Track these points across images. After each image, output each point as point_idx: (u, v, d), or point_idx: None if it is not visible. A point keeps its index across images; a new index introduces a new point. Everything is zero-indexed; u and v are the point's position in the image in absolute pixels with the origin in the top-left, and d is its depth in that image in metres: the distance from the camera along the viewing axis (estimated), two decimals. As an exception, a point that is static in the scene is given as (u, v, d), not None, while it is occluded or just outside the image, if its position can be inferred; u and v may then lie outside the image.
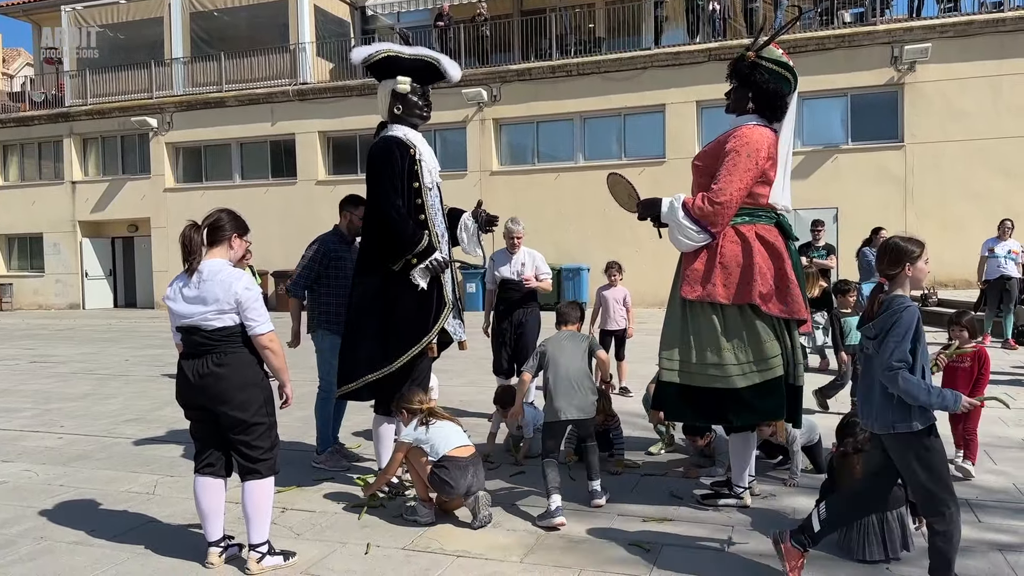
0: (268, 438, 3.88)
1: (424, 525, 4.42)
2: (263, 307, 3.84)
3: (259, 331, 3.79)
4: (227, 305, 3.71)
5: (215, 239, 3.84)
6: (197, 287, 3.73)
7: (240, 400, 3.77)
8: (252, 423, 3.81)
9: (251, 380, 3.81)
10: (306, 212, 21.28)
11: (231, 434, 3.83)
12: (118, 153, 24.55)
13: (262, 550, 3.86)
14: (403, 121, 5.06)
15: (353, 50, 5.14)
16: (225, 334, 3.75)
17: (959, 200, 16.39)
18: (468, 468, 4.47)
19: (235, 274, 3.78)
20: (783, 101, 4.49)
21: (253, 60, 22.49)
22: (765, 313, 4.27)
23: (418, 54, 5.06)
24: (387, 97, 5.05)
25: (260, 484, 3.87)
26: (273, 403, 3.94)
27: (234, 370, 3.76)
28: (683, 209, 4.36)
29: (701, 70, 17.64)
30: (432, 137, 20.44)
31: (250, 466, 3.85)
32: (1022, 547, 3.94)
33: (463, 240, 5.35)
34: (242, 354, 3.80)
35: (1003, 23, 16.32)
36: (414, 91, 5.04)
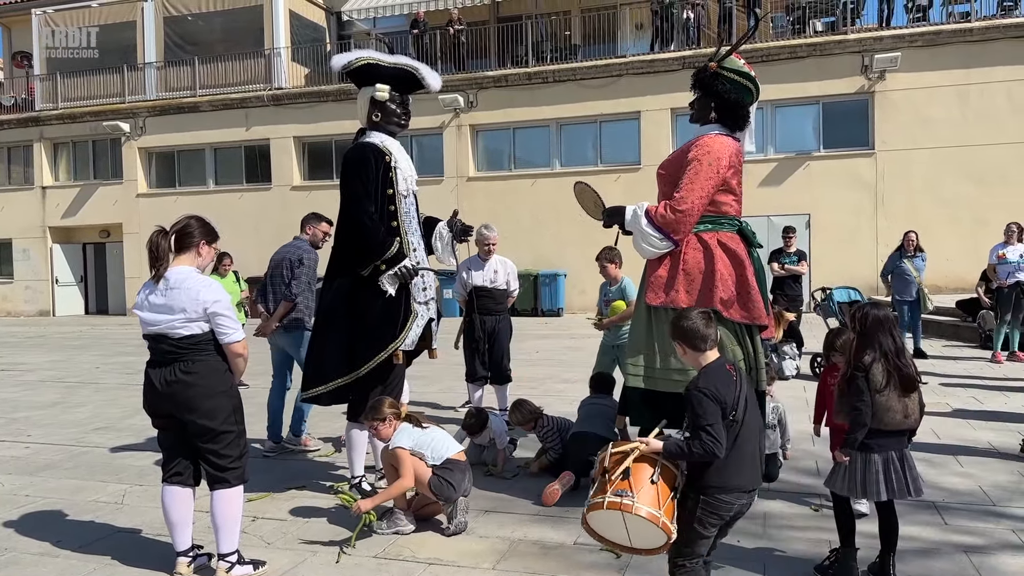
0: (237, 446, 3.83)
1: (407, 534, 4.38)
2: (234, 314, 3.80)
3: (232, 339, 3.76)
4: (195, 314, 3.66)
5: (183, 245, 3.78)
6: (164, 295, 3.67)
7: (208, 408, 3.72)
8: (220, 431, 3.76)
9: (219, 388, 3.76)
10: (281, 218, 21.11)
11: (199, 442, 3.78)
12: (89, 158, 24.25)
13: (231, 559, 3.81)
14: (381, 128, 5.08)
15: (334, 56, 5.16)
16: (193, 342, 3.70)
17: (928, 206, 16.66)
18: (466, 472, 4.51)
19: (203, 282, 3.73)
20: (745, 111, 4.59)
21: (228, 65, 22.33)
22: (727, 319, 4.33)
23: (398, 63, 5.08)
24: (366, 104, 5.07)
25: (229, 493, 3.81)
26: (242, 411, 3.89)
27: (202, 378, 3.71)
28: (646, 217, 4.42)
29: (675, 78, 17.78)
30: (409, 143, 20.40)
31: (218, 475, 3.80)
32: (987, 549, 4.00)
33: (437, 249, 5.36)
34: (210, 361, 3.75)
35: (970, 33, 16.64)
36: (393, 99, 5.05)
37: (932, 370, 9.53)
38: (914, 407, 3.51)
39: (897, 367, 3.47)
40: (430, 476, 4.40)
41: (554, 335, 15.17)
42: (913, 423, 3.54)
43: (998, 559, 3.87)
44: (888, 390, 3.46)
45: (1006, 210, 14.17)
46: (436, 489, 4.39)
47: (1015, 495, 4.85)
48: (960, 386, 8.50)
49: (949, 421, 6.84)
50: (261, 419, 7.83)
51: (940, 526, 4.33)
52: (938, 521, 4.41)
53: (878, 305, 3.66)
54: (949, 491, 4.95)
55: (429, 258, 5.34)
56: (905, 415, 3.49)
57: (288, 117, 21.44)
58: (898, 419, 3.48)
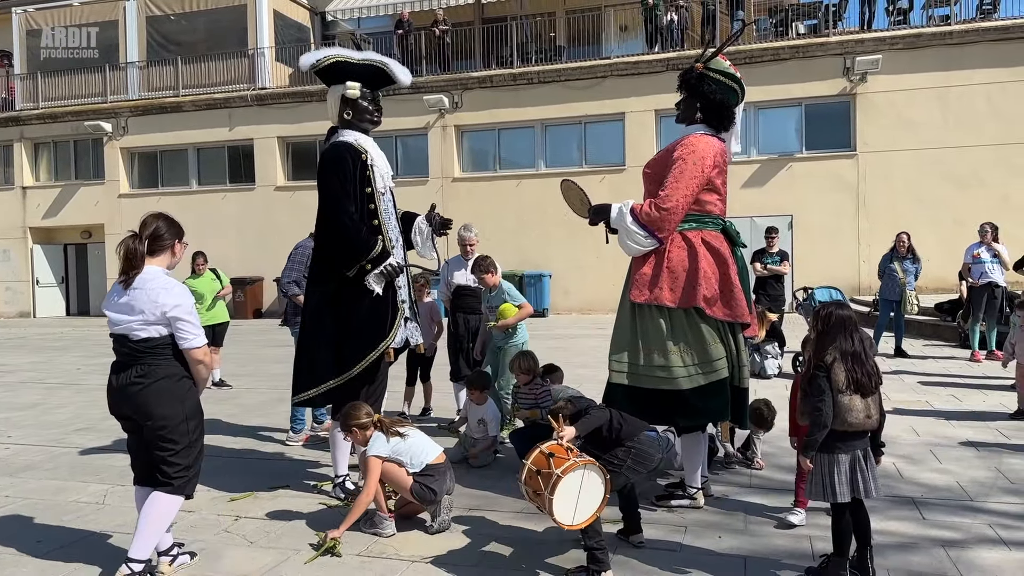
0: (187, 456, 3.71)
1: (388, 537, 4.38)
2: (196, 319, 3.69)
3: (192, 344, 3.65)
4: (152, 316, 3.57)
5: (156, 248, 3.71)
6: (128, 294, 3.61)
7: (160, 414, 3.61)
8: (170, 439, 3.64)
9: (175, 395, 3.64)
10: (265, 218, 21.07)
11: (150, 447, 3.69)
12: (71, 158, 24.02)
13: (134, 567, 3.64)
14: (354, 126, 5.05)
15: (302, 55, 5.12)
16: (150, 345, 3.61)
17: (909, 207, 16.82)
18: (446, 474, 4.50)
19: (164, 284, 3.62)
20: (730, 111, 4.64)
21: (211, 65, 22.20)
22: (710, 317, 4.38)
23: (367, 59, 5.06)
24: (337, 102, 5.04)
25: (163, 497, 3.67)
26: (199, 421, 3.77)
27: (157, 382, 3.61)
28: (631, 215, 4.47)
29: (660, 79, 17.87)
30: (393, 143, 20.40)
31: (162, 480, 3.69)
32: (965, 543, 4.05)
33: (417, 244, 5.36)
34: (167, 366, 3.64)
35: (950, 36, 16.83)
36: (364, 96, 5.03)
37: (912, 369, 9.64)
38: (875, 408, 3.53)
39: (853, 369, 3.49)
40: (411, 483, 4.39)
41: (538, 336, 15.17)
42: (874, 423, 3.57)
43: (975, 553, 3.92)
44: (849, 390, 3.50)
45: (985, 211, 14.32)
46: (419, 496, 4.40)
47: (992, 491, 4.92)
48: (940, 385, 8.59)
49: (928, 419, 6.92)
50: (245, 419, 7.82)
51: (919, 521, 4.39)
52: (916, 516, 4.46)
53: (842, 305, 3.67)
54: (928, 487, 5.01)
55: (409, 253, 5.35)
56: (867, 415, 3.51)
57: (272, 117, 21.35)
58: (861, 419, 3.50)
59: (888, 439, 5.12)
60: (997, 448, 5.93)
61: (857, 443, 3.55)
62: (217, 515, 4.79)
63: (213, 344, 9.75)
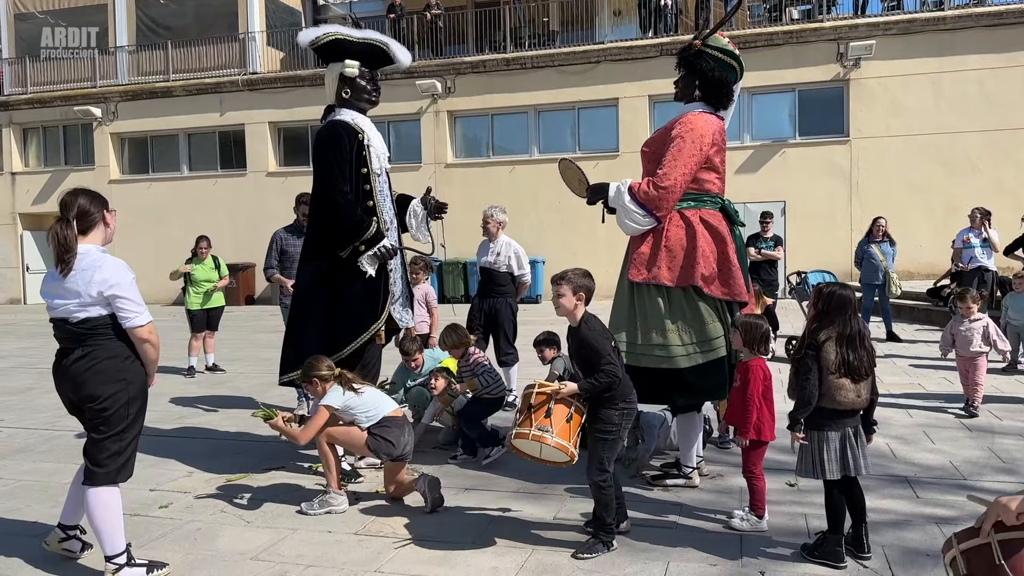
0: (119, 441, 3.53)
1: (341, 512, 4.39)
2: (137, 296, 3.51)
3: (134, 323, 3.47)
4: (88, 298, 3.42)
5: (86, 225, 3.52)
6: (64, 277, 3.45)
7: (100, 394, 3.46)
8: (106, 419, 3.49)
9: (114, 375, 3.48)
10: (256, 204, 20.94)
11: (87, 427, 3.55)
12: (60, 144, 23.81)
13: (119, 561, 3.55)
14: (351, 105, 5.02)
15: (301, 32, 5.08)
16: (90, 326, 3.46)
17: (901, 192, 16.86)
18: (404, 427, 4.49)
19: (99, 263, 3.44)
20: (729, 88, 4.61)
21: (201, 49, 22.00)
22: (708, 295, 4.38)
23: (367, 38, 5.02)
24: (335, 81, 5.00)
25: (101, 494, 3.52)
26: (138, 405, 3.59)
27: (97, 363, 3.46)
28: (629, 193, 4.45)
29: (653, 65, 17.82)
30: (386, 128, 20.28)
31: (90, 467, 3.53)
32: (957, 520, 4.08)
33: (412, 227, 5.34)
34: (109, 346, 3.49)
35: (943, 21, 16.81)
36: (362, 75, 4.99)
37: (905, 352, 9.69)
38: (865, 389, 3.53)
39: (847, 352, 3.49)
40: (366, 437, 4.40)
41: (531, 322, 15.15)
42: (864, 402, 3.57)
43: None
44: (840, 372, 3.49)
45: (977, 197, 14.36)
46: (375, 447, 4.39)
47: (985, 469, 4.96)
48: (931, 368, 8.65)
49: (920, 401, 6.96)
50: (238, 403, 7.81)
51: (912, 499, 4.41)
52: (910, 495, 4.49)
53: (846, 287, 3.67)
54: (921, 466, 5.05)
55: (404, 236, 5.33)
56: (858, 395, 3.52)
57: (263, 102, 21.19)
58: (851, 398, 3.51)
59: (881, 420, 5.16)
60: (990, 428, 5.98)
61: (847, 421, 3.56)
62: (213, 496, 4.78)
63: (208, 328, 9.72)
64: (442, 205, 5.38)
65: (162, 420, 7.00)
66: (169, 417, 7.14)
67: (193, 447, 6.01)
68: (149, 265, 21.63)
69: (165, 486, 5.02)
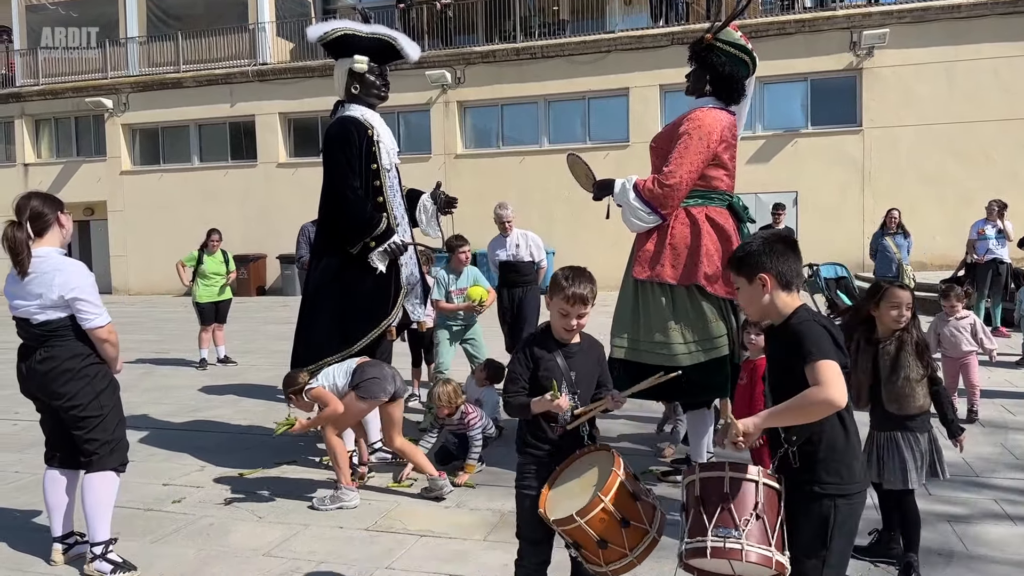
0: (103, 431, 3.66)
1: (352, 508, 4.42)
2: (96, 297, 3.57)
3: (93, 324, 3.56)
4: (48, 301, 3.49)
5: (41, 227, 3.55)
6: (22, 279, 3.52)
7: (65, 392, 3.57)
8: (82, 416, 3.61)
9: (76, 373, 3.58)
10: (266, 195, 21.00)
11: (67, 427, 3.66)
12: (72, 135, 23.92)
13: (96, 551, 3.67)
14: (360, 101, 5.01)
15: (309, 27, 5.08)
16: (50, 328, 3.54)
17: (914, 183, 16.73)
18: (379, 366, 4.57)
19: (59, 266, 3.52)
20: (740, 84, 4.56)
21: (211, 40, 22.01)
22: (712, 294, 4.35)
23: (376, 32, 5.01)
24: (344, 76, 5.00)
25: (94, 478, 3.65)
26: (111, 395, 3.71)
27: (60, 362, 3.55)
28: (634, 191, 4.42)
29: (664, 54, 17.70)
30: (395, 119, 20.25)
31: (84, 460, 3.69)
32: (970, 518, 4.07)
33: (422, 222, 5.35)
34: (70, 346, 3.57)
35: (958, 9, 16.62)
36: (372, 70, 4.98)
37: (917, 345, 9.61)
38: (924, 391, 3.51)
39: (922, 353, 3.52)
40: (352, 395, 4.47)
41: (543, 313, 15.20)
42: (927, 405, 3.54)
43: (981, 528, 3.94)
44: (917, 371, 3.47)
45: (990, 187, 14.26)
46: (366, 393, 4.44)
47: (998, 466, 4.93)
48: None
49: (933, 395, 6.90)
50: (250, 395, 7.84)
51: (925, 496, 4.39)
52: (923, 492, 4.46)
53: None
54: (933, 463, 5.02)
55: (414, 231, 5.33)
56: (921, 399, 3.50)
57: (273, 93, 21.21)
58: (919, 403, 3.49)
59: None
60: (1003, 424, 5.94)
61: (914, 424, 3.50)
62: (224, 491, 4.81)
63: (217, 321, 9.77)
64: (452, 200, 5.38)
65: (174, 414, 7.05)
66: (181, 411, 7.18)
67: (205, 441, 6.05)
68: (160, 256, 21.77)
69: (178, 481, 5.06)
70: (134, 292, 22.40)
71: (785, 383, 2.28)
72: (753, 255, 2.39)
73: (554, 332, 2.87)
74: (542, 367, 2.82)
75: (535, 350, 2.85)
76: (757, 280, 2.36)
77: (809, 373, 2.18)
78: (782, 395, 2.26)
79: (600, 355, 2.98)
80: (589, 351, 2.94)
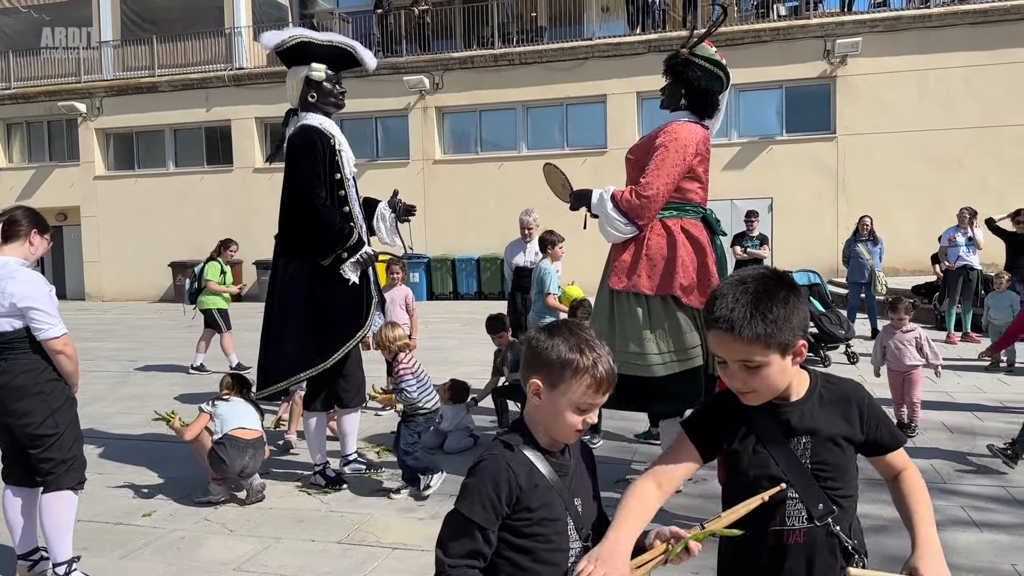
0: (59, 450, 3.55)
1: (216, 504, 4.63)
2: (51, 308, 3.49)
3: (48, 335, 3.45)
4: (2, 308, 3.40)
5: (11, 234, 3.52)
6: None
7: (19, 410, 3.46)
8: (37, 434, 3.50)
9: (31, 389, 3.47)
10: (243, 200, 20.83)
11: (22, 444, 3.56)
12: (45, 139, 23.60)
13: (60, 571, 3.60)
14: (317, 109, 4.95)
15: (263, 34, 4.95)
16: (5, 340, 3.44)
17: (887, 189, 16.94)
18: (247, 450, 4.64)
19: (13, 273, 3.44)
20: (715, 98, 4.62)
21: (187, 44, 21.82)
22: (686, 304, 4.40)
23: (332, 40, 4.97)
24: (299, 84, 4.92)
25: (51, 499, 3.56)
26: (67, 413, 3.61)
27: (13, 378, 3.44)
28: (612, 201, 4.46)
29: (641, 61, 17.81)
30: (373, 124, 20.23)
31: (40, 479, 3.58)
32: (938, 525, 4.07)
33: (380, 231, 5.31)
34: (24, 360, 3.47)
35: (929, 19, 16.88)
36: (328, 78, 4.93)
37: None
38: None
39: None
40: (209, 449, 4.68)
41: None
42: None
43: (949, 535, 3.99)
44: None
45: (963, 194, 14.46)
46: (211, 460, 4.63)
47: (965, 474, 5.00)
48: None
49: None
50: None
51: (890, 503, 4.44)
52: (888, 499, 4.51)
53: None
54: (903, 470, 5.07)
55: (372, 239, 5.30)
56: None
57: (250, 97, 21.05)
58: None
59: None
60: (971, 430, 6.02)
61: None
62: (196, 503, 4.76)
63: (228, 330, 9.75)
64: (411, 207, 5.37)
65: (147, 424, 6.95)
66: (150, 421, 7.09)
67: (178, 452, 5.95)
68: (134, 262, 21.55)
69: (147, 494, 5.00)
70: (108, 299, 22.13)
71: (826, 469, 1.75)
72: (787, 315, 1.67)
73: (545, 437, 1.72)
74: (535, 506, 1.66)
75: (515, 476, 1.65)
76: (792, 351, 1.70)
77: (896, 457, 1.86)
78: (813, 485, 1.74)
79: (591, 456, 1.89)
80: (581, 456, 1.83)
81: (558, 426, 1.68)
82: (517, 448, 1.69)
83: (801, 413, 1.76)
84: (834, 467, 1.76)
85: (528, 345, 1.74)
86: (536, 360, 1.70)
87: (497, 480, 1.63)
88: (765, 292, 1.68)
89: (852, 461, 1.80)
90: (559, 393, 1.66)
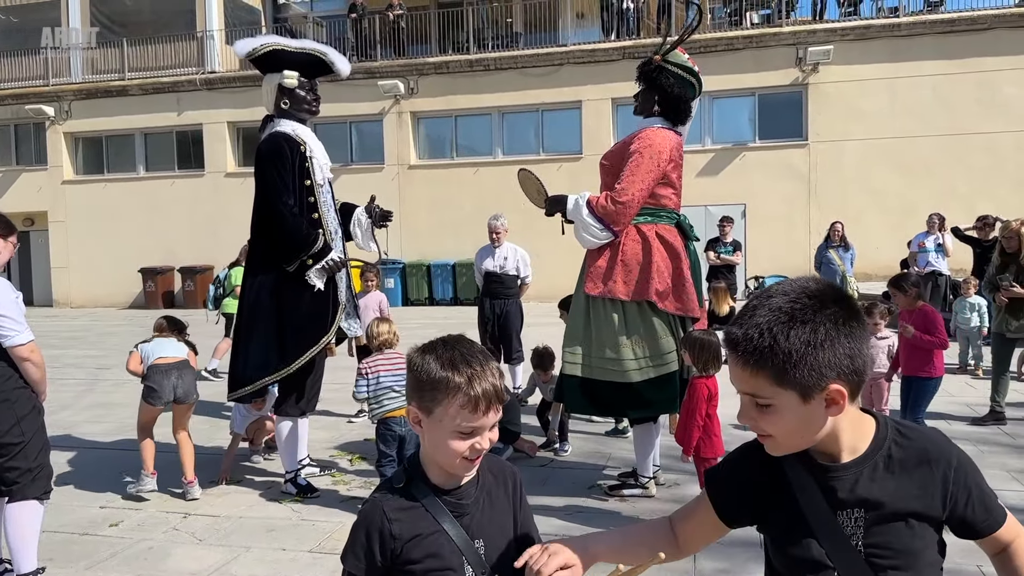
0: (24, 459, 3.46)
1: (148, 492, 4.78)
2: (18, 314, 3.42)
3: (14, 342, 3.38)
4: None
5: None
6: None
7: None
8: (2, 443, 3.41)
9: (2, 398, 3.40)
10: (215, 205, 20.60)
11: None
12: (11, 143, 23.17)
13: None
14: (291, 116, 4.94)
15: (237, 42, 4.98)
16: None
17: (858, 195, 17.15)
18: (171, 372, 4.77)
19: None
20: (687, 105, 4.64)
21: (158, 47, 21.58)
22: (662, 310, 4.42)
23: (305, 47, 4.97)
24: (273, 91, 4.92)
25: (15, 508, 3.47)
26: (34, 421, 3.53)
27: None
28: (587, 207, 4.47)
29: (616, 68, 17.89)
30: (347, 129, 20.12)
31: (4, 488, 3.49)
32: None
33: (357, 236, 5.29)
34: None
35: (898, 28, 17.14)
36: (302, 85, 4.92)
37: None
38: None
39: None
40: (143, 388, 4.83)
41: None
42: None
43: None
44: None
45: (932, 200, 14.68)
46: (144, 397, 4.81)
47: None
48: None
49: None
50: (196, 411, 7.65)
51: None
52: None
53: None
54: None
55: (348, 244, 5.28)
56: None
57: (222, 102, 20.86)
58: None
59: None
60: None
61: None
62: (165, 512, 4.68)
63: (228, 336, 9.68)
64: (387, 213, 5.35)
65: (114, 432, 6.84)
66: (122, 429, 6.96)
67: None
68: (103, 267, 21.22)
69: (115, 503, 4.90)
70: (76, 305, 21.76)
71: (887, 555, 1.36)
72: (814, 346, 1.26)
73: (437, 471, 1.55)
74: (418, 556, 1.50)
75: (389, 524, 1.50)
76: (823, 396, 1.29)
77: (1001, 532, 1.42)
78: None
79: (516, 484, 1.69)
80: (496, 487, 1.64)
81: (444, 456, 1.50)
82: (402, 490, 1.53)
83: (855, 479, 1.33)
84: (900, 552, 1.34)
85: (408, 367, 1.56)
86: (412, 383, 1.53)
87: (369, 530, 1.50)
88: (792, 311, 1.26)
89: (930, 544, 1.37)
90: (435, 419, 1.48)
